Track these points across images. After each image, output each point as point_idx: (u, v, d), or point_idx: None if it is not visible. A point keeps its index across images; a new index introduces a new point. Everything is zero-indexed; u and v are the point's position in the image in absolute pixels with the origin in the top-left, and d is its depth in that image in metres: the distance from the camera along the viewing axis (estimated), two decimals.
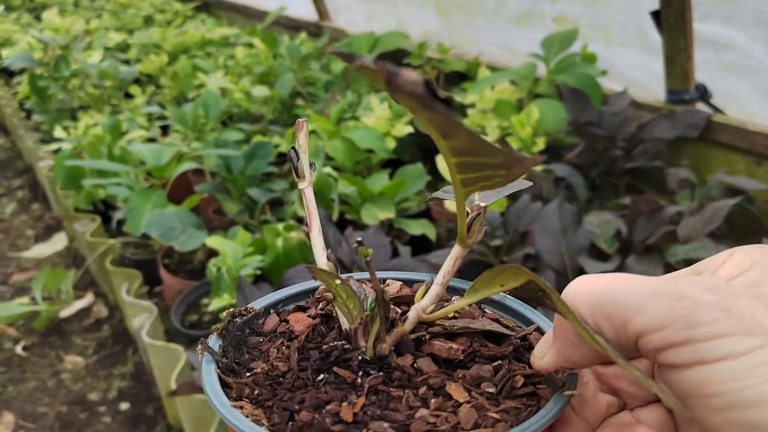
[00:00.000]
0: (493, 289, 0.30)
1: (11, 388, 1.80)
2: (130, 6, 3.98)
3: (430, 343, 0.32)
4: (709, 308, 0.22)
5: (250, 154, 1.81)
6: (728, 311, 0.22)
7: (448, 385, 0.30)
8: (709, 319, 0.22)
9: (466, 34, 2.22)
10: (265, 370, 0.32)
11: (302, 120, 0.34)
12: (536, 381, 0.31)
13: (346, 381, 0.30)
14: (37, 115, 2.78)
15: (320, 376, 0.31)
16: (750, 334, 0.22)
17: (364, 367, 0.31)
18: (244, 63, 2.59)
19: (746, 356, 0.21)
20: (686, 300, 0.23)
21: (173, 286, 1.72)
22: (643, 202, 1.39)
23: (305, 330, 0.34)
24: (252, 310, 0.35)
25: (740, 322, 0.22)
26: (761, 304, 0.23)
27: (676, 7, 1.49)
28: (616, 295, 0.25)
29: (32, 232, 2.60)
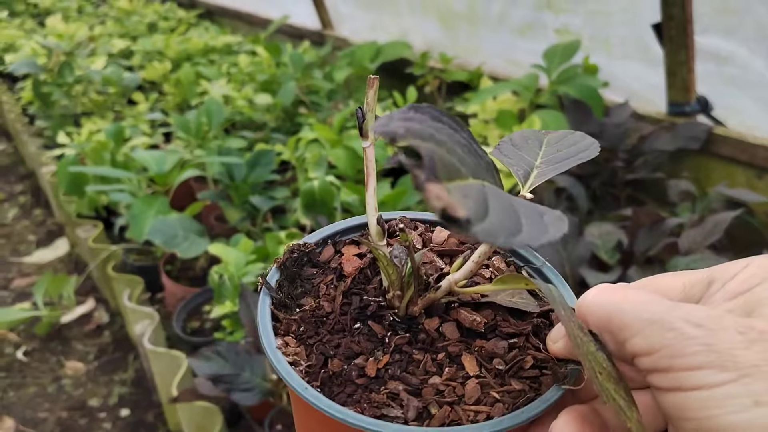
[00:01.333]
0: (519, 285, 0.33)
1: (12, 393, 1.80)
2: (134, 13, 4.00)
3: (457, 310, 0.34)
4: (692, 342, 0.25)
5: (253, 162, 1.81)
6: (709, 346, 0.24)
7: (464, 356, 0.32)
8: (691, 351, 0.25)
9: (469, 45, 2.24)
10: (312, 308, 0.34)
11: (374, 77, 0.35)
12: (543, 366, 0.32)
13: (376, 335, 0.33)
14: (40, 120, 2.79)
15: (357, 324, 0.34)
16: (724, 369, 0.24)
17: (394, 326, 0.33)
18: (248, 71, 2.60)
19: (718, 388, 0.24)
20: (675, 331, 0.25)
21: (175, 292, 1.72)
22: (644, 214, 1.40)
23: (353, 272, 0.36)
24: (309, 245, 0.38)
25: (717, 357, 0.24)
26: (744, 339, 0.24)
27: (677, 20, 1.50)
28: (621, 315, 0.27)
29: (34, 237, 2.60)
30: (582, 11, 1.79)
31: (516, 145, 0.38)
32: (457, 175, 0.25)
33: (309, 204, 1.60)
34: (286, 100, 2.22)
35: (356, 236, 0.39)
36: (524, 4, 1.94)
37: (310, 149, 1.82)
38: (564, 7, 1.84)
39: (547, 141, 0.38)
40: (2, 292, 2.26)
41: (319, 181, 1.60)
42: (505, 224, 0.24)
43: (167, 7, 4.09)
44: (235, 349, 1.24)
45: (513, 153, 0.37)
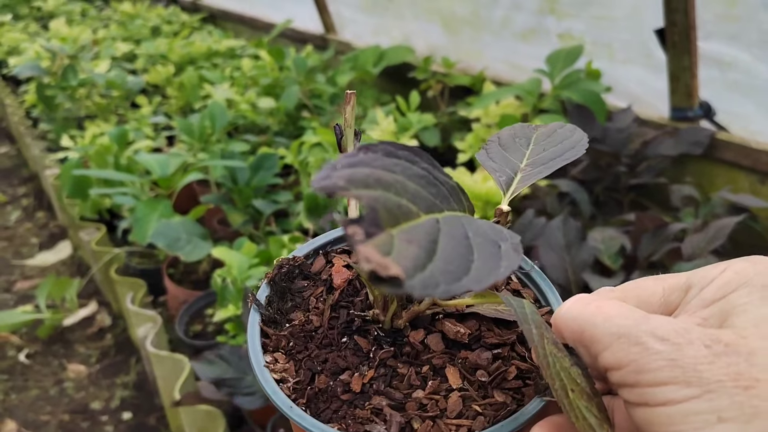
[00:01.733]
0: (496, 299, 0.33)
1: (14, 395, 1.80)
2: (138, 17, 4.01)
3: (442, 321, 0.34)
4: (656, 357, 0.25)
5: (256, 166, 1.82)
6: (674, 361, 0.24)
7: (447, 368, 0.32)
8: (656, 366, 0.25)
9: (472, 49, 2.24)
10: (302, 322, 0.35)
11: (351, 93, 0.36)
12: (527, 376, 0.33)
13: (362, 350, 0.33)
14: (43, 123, 2.80)
15: (344, 338, 0.34)
16: (689, 384, 0.24)
17: (379, 340, 0.34)
18: (251, 75, 2.61)
19: (682, 404, 0.24)
20: (640, 346, 0.25)
21: (178, 296, 1.72)
22: (647, 219, 1.40)
23: (342, 284, 0.37)
24: (298, 259, 0.38)
25: (682, 373, 0.24)
26: (710, 353, 0.24)
27: (680, 26, 1.51)
28: (592, 328, 0.27)
29: (37, 240, 2.60)
30: (585, 16, 1.80)
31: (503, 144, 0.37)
32: (406, 216, 0.25)
33: (312, 208, 1.60)
34: (289, 104, 2.22)
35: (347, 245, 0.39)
36: (527, 9, 1.95)
37: (313, 153, 1.83)
38: (567, 12, 1.84)
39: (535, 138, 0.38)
40: (5, 294, 2.26)
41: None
42: (450, 267, 0.23)
43: (171, 11, 4.10)
44: (237, 353, 1.24)
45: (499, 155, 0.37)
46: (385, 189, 0.25)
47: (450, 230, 0.25)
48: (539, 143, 0.37)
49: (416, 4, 2.38)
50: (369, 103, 2.30)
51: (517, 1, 1.96)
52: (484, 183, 1.51)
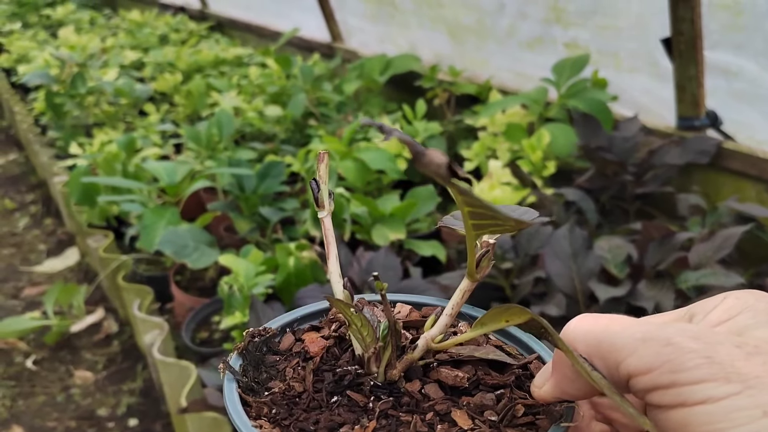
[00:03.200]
0: (499, 324, 0.32)
1: (21, 402, 1.81)
2: (146, 25, 4.05)
3: (437, 369, 0.34)
4: (692, 355, 0.24)
5: (263, 174, 1.83)
6: (710, 358, 0.24)
7: (453, 412, 0.31)
8: (692, 365, 0.24)
9: (478, 58, 2.25)
10: (282, 390, 0.33)
11: (324, 152, 0.36)
12: (536, 411, 0.32)
13: (358, 404, 0.32)
14: (52, 131, 2.82)
15: (334, 398, 0.32)
16: (729, 381, 0.23)
17: (375, 392, 0.32)
18: (258, 83, 2.62)
19: (724, 401, 0.23)
20: (673, 346, 0.25)
21: (184, 303, 1.73)
22: (654, 228, 1.40)
23: (320, 351, 0.35)
24: (269, 330, 0.37)
25: (720, 369, 0.24)
26: (742, 352, 0.24)
27: (687, 36, 1.51)
28: (611, 337, 0.27)
29: (44, 246, 2.62)
30: (591, 25, 1.80)
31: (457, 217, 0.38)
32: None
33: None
34: (296, 112, 2.24)
35: (315, 323, 0.38)
36: (533, 18, 1.96)
37: None
38: (573, 22, 1.85)
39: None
40: (13, 301, 2.27)
41: None
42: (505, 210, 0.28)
43: (178, 20, 4.13)
44: None
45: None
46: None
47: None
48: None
49: (422, 13, 2.40)
50: (375, 111, 2.31)
51: (523, 10, 1.97)
52: (491, 192, 1.51)
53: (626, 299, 1.31)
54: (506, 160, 1.72)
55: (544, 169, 1.64)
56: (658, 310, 1.30)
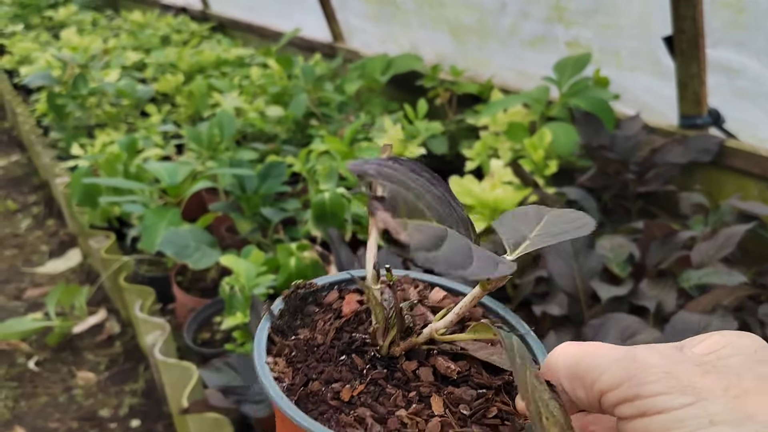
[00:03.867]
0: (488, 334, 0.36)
1: (23, 403, 1.81)
2: (147, 26, 4.06)
3: (435, 357, 0.37)
4: (654, 369, 0.27)
5: (264, 174, 1.83)
6: (669, 374, 0.27)
7: (433, 397, 0.35)
8: (654, 378, 0.27)
9: (480, 57, 2.25)
10: (306, 338, 0.38)
11: (388, 144, 0.39)
12: (507, 417, 0.35)
13: (357, 367, 0.36)
14: (54, 132, 2.83)
15: (342, 356, 0.37)
16: (684, 393, 0.26)
17: (374, 361, 0.37)
18: (259, 83, 2.63)
19: (678, 411, 0.26)
20: (638, 362, 0.28)
21: (186, 303, 1.73)
22: (656, 227, 1.39)
23: (349, 314, 0.40)
24: (314, 285, 0.41)
25: (678, 383, 0.27)
26: (700, 370, 0.27)
27: (689, 34, 1.51)
28: (589, 359, 0.30)
29: (46, 247, 2.62)
30: (592, 24, 1.80)
31: (516, 218, 0.40)
32: (420, 215, 0.30)
33: (320, 216, 1.61)
34: (298, 112, 2.24)
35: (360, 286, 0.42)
36: (535, 17, 1.96)
37: (321, 161, 1.83)
38: (575, 20, 1.84)
39: (547, 218, 0.40)
40: (15, 302, 2.28)
41: (330, 193, 1.61)
42: (453, 259, 0.28)
43: (180, 20, 4.14)
44: (245, 361, 1.24)
45: (510, 225, 0.39)
46: (405, 188, 0.30)
47: (456, 239, 0.30)
48: (550, 221, 0.40)
49: (424, 13, 2.39)
50: (377, 111, 2.31)
51: (524, 9, 1.97)
52: (492, 191, 1.51)
53: (628, 298, 1.31)
54: (508, 159, 1.71)
55: (546, 168, 1.63)
56: (661, 308, 1.30)
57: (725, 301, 1.25)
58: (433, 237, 0.29)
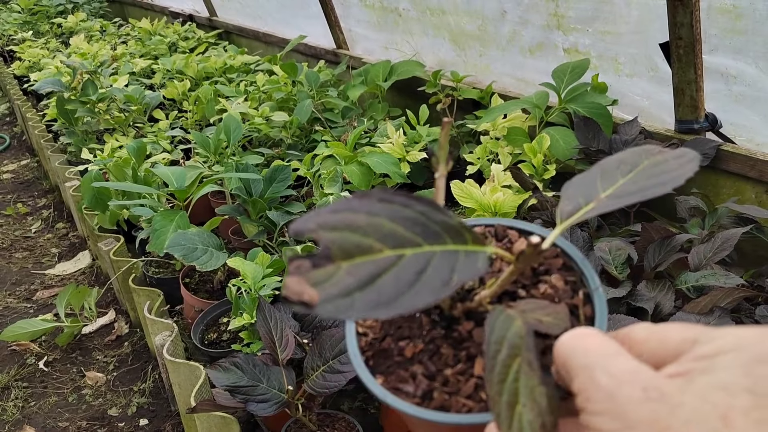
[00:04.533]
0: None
1: (33, 402, 1.85)
2: (155, 33, 4.11)
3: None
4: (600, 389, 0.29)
5: (270, 178, 1.86)
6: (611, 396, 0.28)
7: (478, 358, 0.38)
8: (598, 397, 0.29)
9: (480, 64, 2.28)
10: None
11: (448, 120, 0.40)
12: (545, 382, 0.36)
13: (423, 325, 0.40)
14: (63, 137, 2.88)
15: (417, 314, 0.41)
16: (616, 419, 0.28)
17: (436, 321, 0.40)
18: (265, 89, 2.67)
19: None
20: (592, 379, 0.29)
21: (193, 305, 1.76)
22: (653, 230, 1.42)
23: None
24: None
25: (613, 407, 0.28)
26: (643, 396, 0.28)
27: (686, 40, 1.53)
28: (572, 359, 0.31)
29: (56, 250, 2.67)
30: (591, 31, 1.83)
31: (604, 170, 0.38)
32: (363, 252, 0.30)
33: None
34: (302, 118, 2.27)
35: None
36: (534, 25, 1.99)
37: (326, 165, 1.87)
38: (573, 27, 1.87)
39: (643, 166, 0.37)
40: (26, 303, 2.32)
41: (335, 196, 1.64)
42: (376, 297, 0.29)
43: (187, 28, 4.19)
44: (252, 361, 1.28)
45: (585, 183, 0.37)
46: (351, 231, 0.31)
47: (407, 264, 0.31)
48: (643, 172, 0.37)
49: (425, 20, 2.43)
50: (379, 116, 2.35)
51: (524, 17, 2.00)
52: (493, 194, 1.54)
53: (626, 300, 1.33)
54: (508, 163, 1.74)
55: (545, 172, 1.66)
56: (659, 310, 1.32)
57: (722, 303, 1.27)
58: (367, 275, 0.29)
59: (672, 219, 1.58)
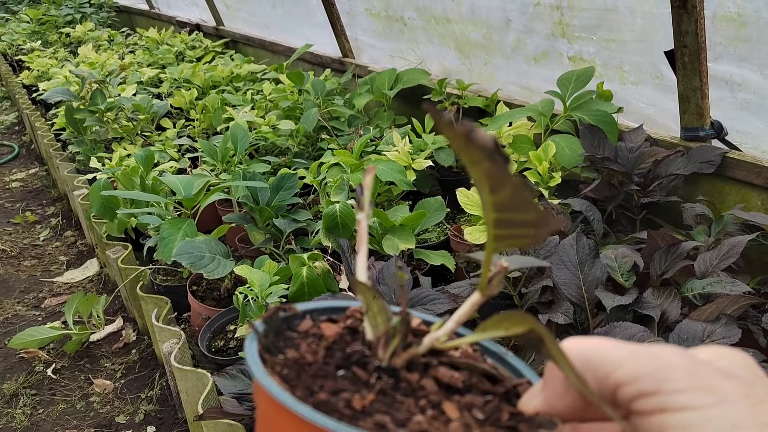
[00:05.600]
0: (498, 331, 0.35)
1: (41, 410, 1.86)
2: (163, 43, 4.15)
3: (436, 368, 0.36)
4: (677, 367, 0.27)
5: (277, 186, 1.88)
6: (692, 372, 0.27)
7: (444, 403, 0.34)
8: (676, 375, 0.27)
9: (485, 72, 2.30)
10: (295, 357, 0.36)
11: (372, 166, 0.40)
12: (519, 419, 0.35)
13: (360, 379, 0.35)
14: (72, 145, 2.91)
15: (340, 371, 0.35)
16: (707, 393, 0.26)
17: (378, 372, 0.35)
18: (271, 98, 2.69)
19: (701, 410, 0.26)
20: (659, 359, 0.28)
21: (201, 312, 1.77)
22: (660, 237, 1.42)
23: (334, 335, 0.38)
24: (294, 309, 0.40)
25: (700, 382, 0.27)
26: (719, 373, 0.27)
27: (691, 48, 1.54)
28: (602, 352, 0.30)
29: (65, 258, 2.69)
30: (596, 39, 1.84)
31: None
32: None
33: (331, 227, 1.65)
34: (309, 126, 2.29)
35: (333, 316, 0.41)
36: (539, 33, 2.00)
37: (332, 173, 1.88)
38: (578, 36, 1.88)
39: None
40: (34, 311, 2.34)
41: (341, 204, 1.65)
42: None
43: (194, 37, 4.23)
44: None
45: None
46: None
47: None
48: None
49: (431, 29, 2.45)
50: (385, 124, 2.36)
51: (528, 25, 2.01)
52: None
53: (633, 307, 1.34)
54: (513, 171, 1.75)
55: (551, 179, 1.67)
56: (665, 317, 1.32)
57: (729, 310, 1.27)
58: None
59: (678, 226, 1.58)
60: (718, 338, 1.22)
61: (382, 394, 0.34)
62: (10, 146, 4.21)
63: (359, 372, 0.35)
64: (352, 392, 0.34)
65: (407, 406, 0.34)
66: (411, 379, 0.36)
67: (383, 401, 0.34)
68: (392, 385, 0.35)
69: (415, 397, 0.35)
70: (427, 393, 0.35)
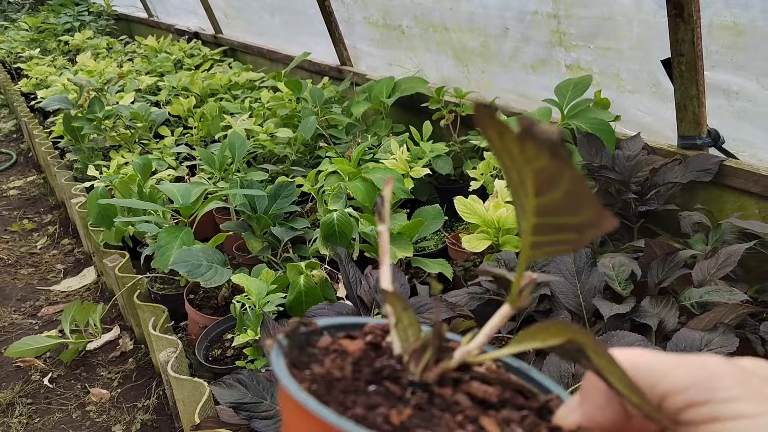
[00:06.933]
0: (534, 343, 0.34)
1: (37, 419, 1.85)
2: (161, 51, 4.16)
3: (468, 383, 0.36)
4: (727, 376, 0.27)
5: (274, 194, 1.87)
6: (743, 381, 0.27)
7: (482, 418, 0.33)
8: (727, 384, 0.27)
9: (483, 80, 2.30)
10: (322, 373, 0.35)
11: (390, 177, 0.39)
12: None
13: (394, 394, 0.33)
14: (70, 153, 2.91)
15: (371, 386, 0.34)
16: (760, 402, 0.26)
17: (411, 387, 0.34)
18: (269, 106, 2.69)
19: (755, 419, 0.26)
20: (708, 368, 0.28)
21: (198, 321, 1.76)
22: (657, 246, 1.42)
23: (357, 351, 0.37)
24: (315, 324, 0.39)
25: (752, 391, 0.27)
26: (766, 382, 0.28)
27: (687, 57, 1.55)
28: (648, 363, 0.30)
29: (62, 266, 2.68)
30: (593, 47, 1.85)
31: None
32: None
33: (328, 235, 1.65)
34: (307, 134, 2.29)
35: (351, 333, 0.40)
36: (536, 41, 2.01)
37: (330, 181, 1.88)
38: (575, 44, 1.89)
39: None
40: (30, 319, 2.33)
41: (338, 212, 1.65)
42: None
43: (192, 45, 4.24)
44: (256, 378, 1.28)
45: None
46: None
47: None
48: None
49: (429, 37, 2.46)
50: (383, 132, 2.36)
51: (526, 34, 2.02)
52: (496, 210, 1.55)
53: (630, 316, 1.33)
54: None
55: None
56: (663, 326, 1.32)
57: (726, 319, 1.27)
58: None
59: (676, 235, 1.58)
60: (715, 347, 1.22)
61: (418, 409, 0.33)
62: (8, 154, 4.21)
63: (392, 387, 0.34)
64: (387, 407, 0.33)
65: (445, 421, 0.33)
66: (444, 394, 0.35)
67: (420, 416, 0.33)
68: (427, 400, 0.34)
69: (451, 412, 0.34)
70: (463, 408, 0.34)
